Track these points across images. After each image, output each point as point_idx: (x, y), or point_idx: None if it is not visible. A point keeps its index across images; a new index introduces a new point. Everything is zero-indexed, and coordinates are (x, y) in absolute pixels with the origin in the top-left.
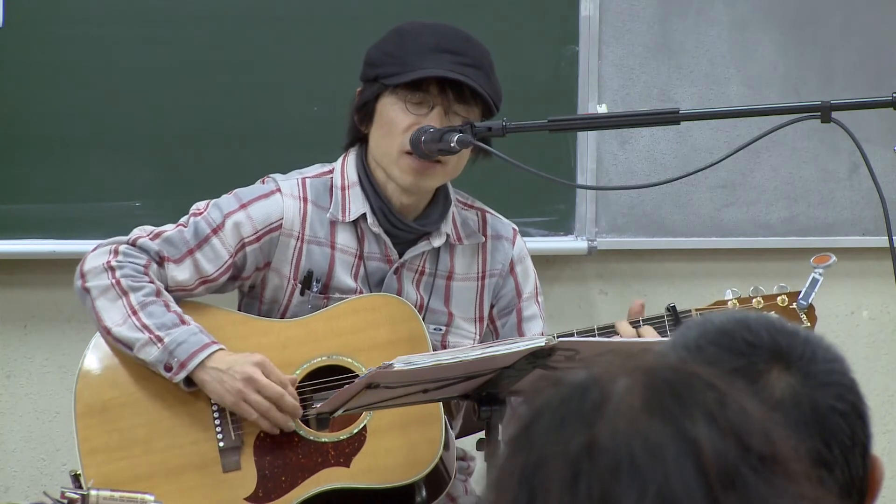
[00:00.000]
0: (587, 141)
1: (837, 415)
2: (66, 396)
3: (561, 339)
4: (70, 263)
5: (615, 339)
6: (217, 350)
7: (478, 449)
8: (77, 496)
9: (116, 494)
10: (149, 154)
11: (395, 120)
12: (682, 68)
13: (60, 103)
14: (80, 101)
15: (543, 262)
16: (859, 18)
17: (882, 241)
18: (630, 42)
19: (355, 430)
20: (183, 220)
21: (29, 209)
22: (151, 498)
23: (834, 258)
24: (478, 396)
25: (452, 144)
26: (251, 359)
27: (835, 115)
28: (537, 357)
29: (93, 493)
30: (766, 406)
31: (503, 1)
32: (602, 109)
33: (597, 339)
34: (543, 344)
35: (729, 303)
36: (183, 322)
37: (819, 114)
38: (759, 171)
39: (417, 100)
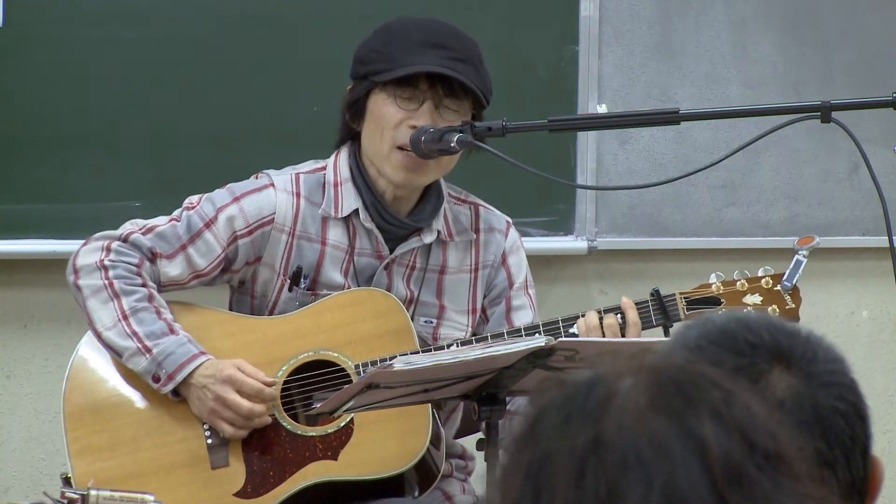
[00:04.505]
0: (587, 141)
1: (838, 415)
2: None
3: (561, 339)
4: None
5: (615, 339)
6: (204, 361)
7: (478, 449)
8: (77, 496)
9: (116, 494)
10: (149, 154)
11: (386, 116)
12: (682, 68)
13: (60, 103)
14: (80, 101)
15: (543, 262)
16: (859, 18)
17: (882, 241)
18: (630, 42)
19: (342, 424)
20: (176, 213)
21: (29, 209)
22: (151, 498)
23: (818, 239)
24: (478, 396)
25: (452, 144)
26: (221, 375)
27: (835, 115)
28: (537, 357)
29: (93, 493)
30: (767, 406)
31: (503, 1)
32: (602, 109)
33: (597, 339)
34: (543, 344)
35: (713, 286)
36: (172, 331)
37: (819, 114)
38: (759, 171)
39: (407, 95)
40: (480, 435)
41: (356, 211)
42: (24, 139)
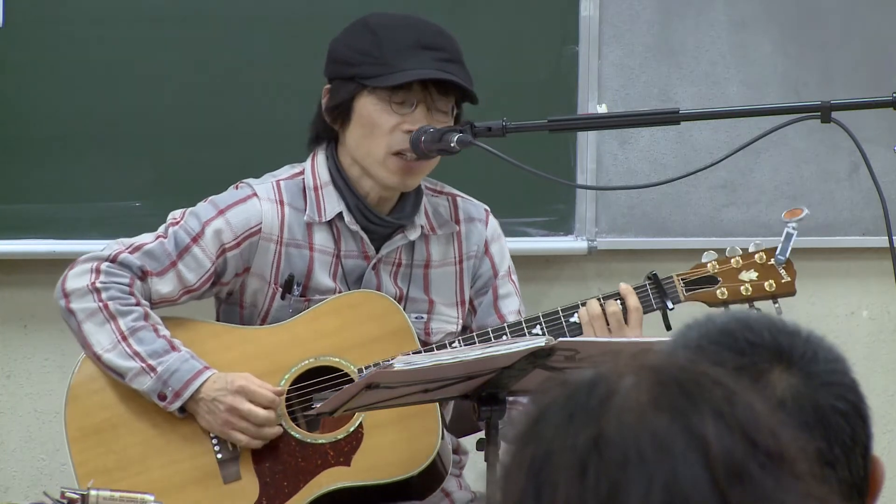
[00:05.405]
0: (587, 141)
1: (838, 415)
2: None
3: (561, 339)
4: (70, 263)
5: (616, 339)
6: (211, 375)
7: (478, 449)
8: (77, 496)
9: (116, 494)
10: (149, 154)
11: (380, 121)
12: (682, 68)
13: (60, 103)
14: (80, 101)
15: (543, 262)
16: (859, 18)
17: (882, 241)
18: (630, 42)
19: (352, 429)
20: (160, 230)
21: (29, 209)
22: (151, 498)
23: (807, 211)
24: (478, 396)
25: (452, 145)
26: (232, 387)
27: (835, 115)
28: (537, 357)
29: (93, 493)
30: (769, 405)
31: (503, 1)
32: (602, 109)
33: (597, 339)
34: (543, 344)
35: (709, 265)
36: (173, 348)
37: (819, 114)
38: (759, 171)
39: (400, 99)
40: (480, 435)
41: (340, 214)
42: (24, 139)
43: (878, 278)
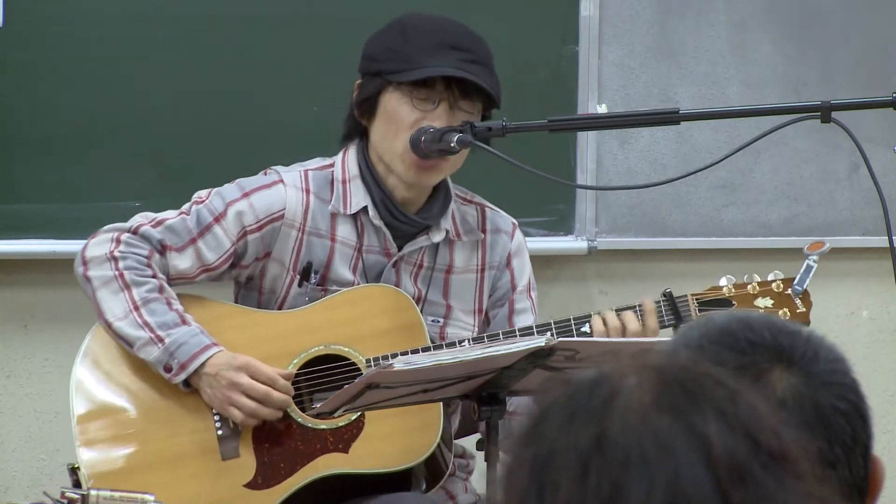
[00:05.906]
0: (587, 141)
1: (839, 415)
2: (66, 396)
3: (561, 339)
4: (70, 263)
5: (616, 339)
6: (217, 351)
7: (478, 449)
8: (77, 496)
9: (116, 494)
10: (149, 154)
11: (402, 116)
12: (682, 68)
13: (60, 103)
14: (80, 101)
15: (543, 262)
16: (859, 18)
17: (882, 241)
18: (630, 42)
19: (353, 417)
20: (185, 207)
21: (29, 209)
22: (151, 498)
23: (828, 245)
24: (478, 396)
25: (452, 144)
26: (235, 362)
27: (835, 115)
28: (537, 357)
29: (93, 493)
30: (771, 405)
31: (503, 1)
32: (602, 109)
33: (597, 339)
34: (543, 344)
35: (724, 288)
36: (184, 322)
37: (819, 114)
38: (759, 171)
39: (423, 96)
40: (480, 435)
41: (365, 208)
42: (24, 139)
43: (878, 278)
